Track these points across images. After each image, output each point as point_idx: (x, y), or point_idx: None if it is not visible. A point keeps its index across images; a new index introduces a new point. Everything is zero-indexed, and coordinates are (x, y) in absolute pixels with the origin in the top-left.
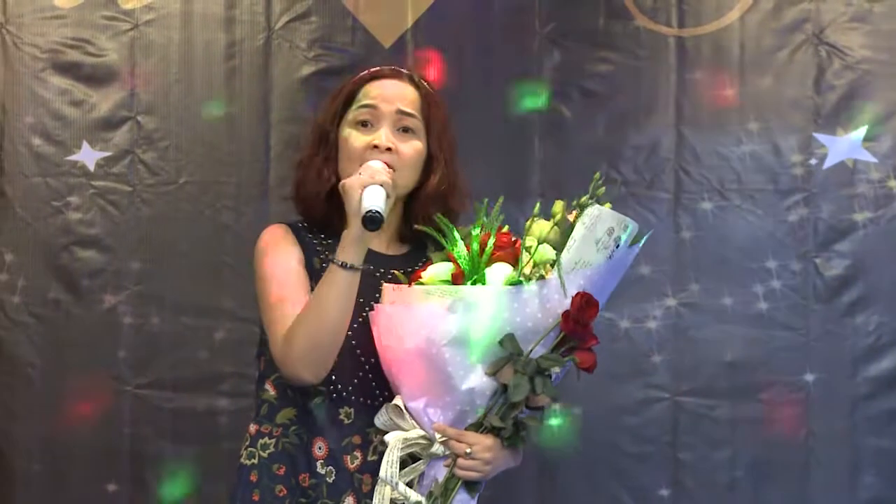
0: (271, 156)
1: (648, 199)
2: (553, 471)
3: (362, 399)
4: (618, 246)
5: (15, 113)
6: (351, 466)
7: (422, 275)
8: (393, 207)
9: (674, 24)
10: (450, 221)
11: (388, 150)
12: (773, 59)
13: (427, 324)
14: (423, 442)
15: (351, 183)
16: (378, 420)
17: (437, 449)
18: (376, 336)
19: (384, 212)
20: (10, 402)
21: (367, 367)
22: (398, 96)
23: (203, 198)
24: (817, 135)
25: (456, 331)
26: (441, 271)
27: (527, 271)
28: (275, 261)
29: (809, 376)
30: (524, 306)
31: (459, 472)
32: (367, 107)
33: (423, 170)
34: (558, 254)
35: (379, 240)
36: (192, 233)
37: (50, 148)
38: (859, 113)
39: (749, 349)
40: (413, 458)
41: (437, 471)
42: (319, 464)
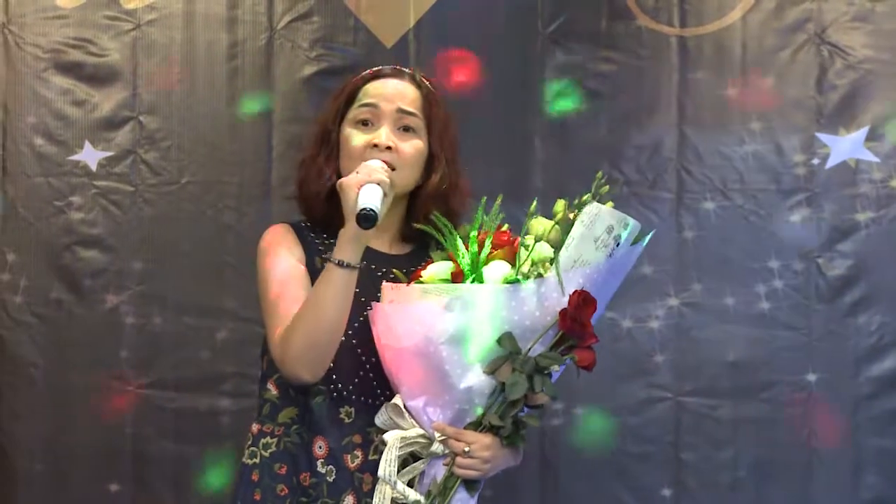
0: (273, 156)
1: (651, 199)
2: (555, 470)
3: (363, 398)
4: (618, 244)
5: (17, 113)
6: (351, 466)
7: (422, 274)
8: (395, 207)
9: (676, 24)
10: (451, 221)
11: (387, 148)
12: (775, 58)
13: (424, 322)
14: (422, 441)
15: (348, 182)
16: (378, 419)
17: (436, 448)
18: (376, 335)
19: (379, 210)
20: (12, 402)
21: (368, 367)
22: (399, 95)
23: (205, 198)
24: (819, 135)
25: (453, 329)
26: (441, 270)
27: (525, 269)
28: (275, 260)
29: (812, 376)
30: (522, 304)
31: (458, 471)
32: (367, 106)
33: (425, 169)
34: (556, 252)
35: (381, 239)
36: (194, 233)
37: (52, 148)
38: (861, 113)
39: (751, 349)
40: (415, 458)
41: (436, 470)
42: (320, 463)
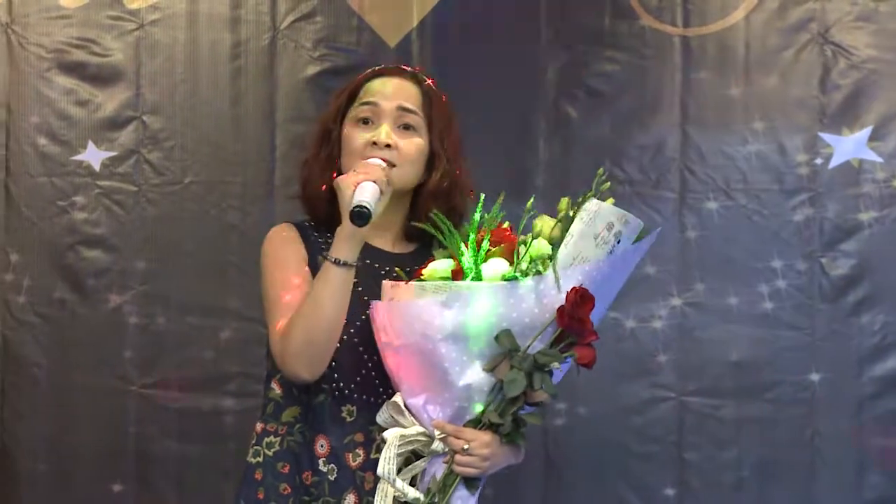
0: (277, 155)
1: (654, 199)
2: (558, 470)
3: (365, 397)
4: (618, 241)
5: (20, 113)
6: (353, 464)
7: (423, 272)
8: (398, 205)
9: (679, 24)
10: (454, 219)
11: (387, 146)
12: (778, 58)
13: (422, 319)
14: (422, 439)
15: (344, 179)
16: (379, 417)
17: (436, 446)
18: (376, 333)
19: (373, 207)
20: (15, 402)
21: (371, 365)
22: (399, 93)
23: (208, 197)
24: (823, 134)
25: (451, 326)
26: (441, 268)
27: (523, 266)
28: (277, 259)
29: (815, 376)
30: (520, 302)
31: (457, 469)
32: (368, 104)
33: (426, 167)
34: (555, 249)
35: (384, 238)
36: (197, 232)
37: (55, 148)
38: (865, 112)
39: (754, 349)
40: (417, 456)
41: (437, 468)
42: (321, 462)
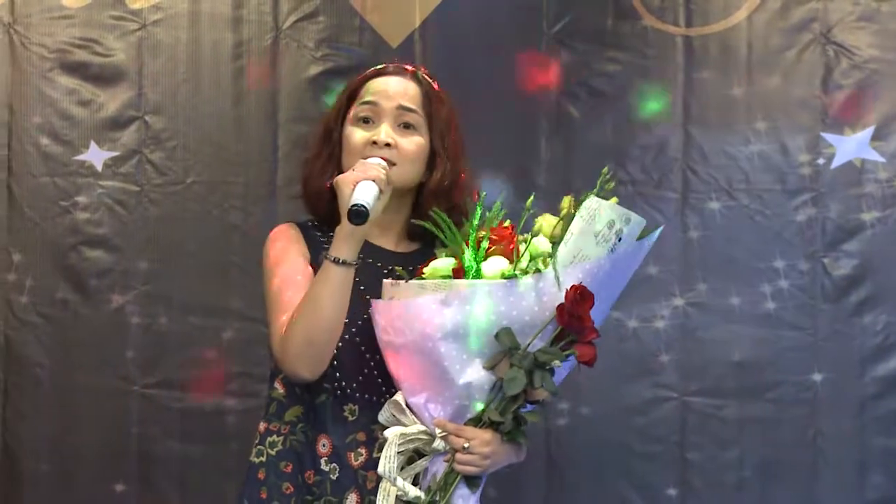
0: (279, 155)
1: (656, 199)
2: (560, 470)
3: (367, 396)
4: (620, 239)
5: (23, 113)
6: (355, 463)
7: (424, 270)
8: (400, 204)
9: (681, 24)
10: (456, 217)
11: (387, 145)
12: (780, 58)
13: (422, 318)
14: (424, 437)
15: (343, 178)
16: (381, 416)
17: (437, 444)
18: (377, 332)
19: (371, 206)
20: (18, 402)
21: (373, 364)
22: (399, 92)
23: (211, 198)
24: (825, 134)
25: (451, 325)
26: (442, 266)
27: (523, 264)
28: (278, 259)
29: (817, 376)
30: (520, 300)
31: (458, 467)
32: (368, 103)
33: (427, 166)
34: (555, 247)
35: (387, 237)
36: (199, 233)
37: (58, 148)
38: (867, 112)
39: (757, 349)
40: (420, 455)
41: (438, 467)
42: (323, 461)
